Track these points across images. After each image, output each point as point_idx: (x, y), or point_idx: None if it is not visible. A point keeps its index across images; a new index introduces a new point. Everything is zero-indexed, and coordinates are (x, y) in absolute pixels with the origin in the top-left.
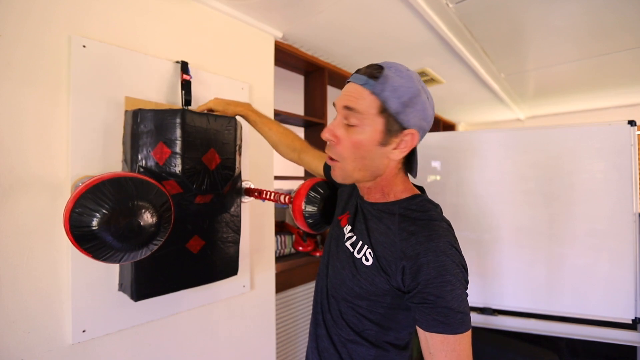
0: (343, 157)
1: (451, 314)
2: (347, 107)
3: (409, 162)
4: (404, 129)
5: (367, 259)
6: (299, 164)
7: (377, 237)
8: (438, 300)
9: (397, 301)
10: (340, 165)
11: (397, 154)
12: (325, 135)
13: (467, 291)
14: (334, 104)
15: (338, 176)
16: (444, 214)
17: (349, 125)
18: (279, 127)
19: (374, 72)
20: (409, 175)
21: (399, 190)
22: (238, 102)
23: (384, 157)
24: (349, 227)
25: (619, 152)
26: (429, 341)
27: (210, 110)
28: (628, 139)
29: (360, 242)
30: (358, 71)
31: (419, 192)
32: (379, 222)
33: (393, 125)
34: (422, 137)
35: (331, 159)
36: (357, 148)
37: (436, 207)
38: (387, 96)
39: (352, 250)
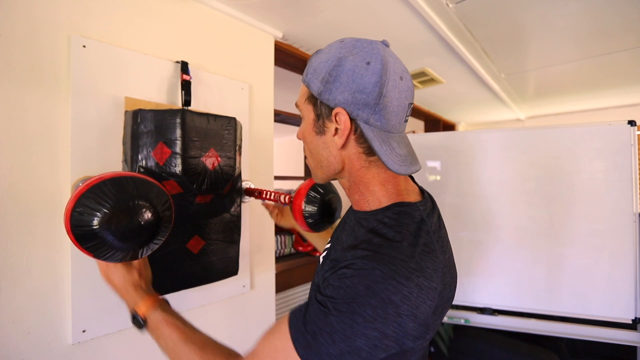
0: (305, 153)
1: (309, 314)
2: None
3: (374, 152)
4: (333, 109)
5: (321, 265)
6: None
7: (337, 249)
8: (322, 298)
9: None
10: (307, 161)
11: (337, 140)
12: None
13: (379, 346)
14: None
15: (313, 175)
16: (423, 231)
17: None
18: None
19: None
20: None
21: (379, 193)
22: None
23: (329, 147)
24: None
25: (619, 152)
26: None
27: None
28: (628, 139)
29: (325, 252)
30: None
31: (405, 200)
32: (350, 235)
33: (321, 108)
34: (369, 113)
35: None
36: (304, 142)
37: (418, 223)
38: (309, 79)
39: (320, 259)
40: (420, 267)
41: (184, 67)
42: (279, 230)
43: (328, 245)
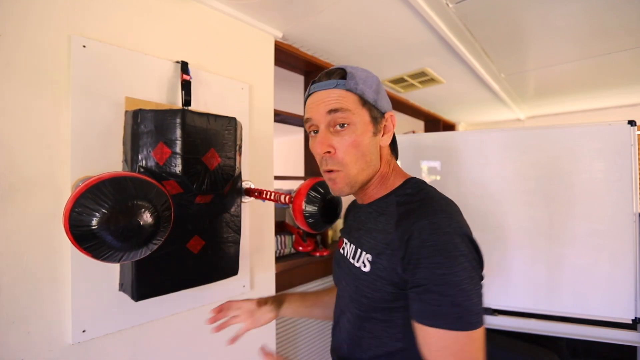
0: (344, 163)
1: (445, 303)
2: (333, 110)
3: (393, 146)
4: (384, 113)
5: (364, 265)
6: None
7: (376, 236)
8: (429, 284)
9: None
10: (343, 173)
11: (386, 139)
12: (322, 148)
13: (479, 283)
14: (307, 120)
15: (344, 186)
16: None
17: (340, 129)
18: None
19: (340, 73)
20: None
21: (393, 179)
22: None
23: (376, 147)
24: (345, 240)
25: (619, 152)
26: (425, 339)
27: None
28: (628, 139)
29: (359, 251)
30: (320, 80)
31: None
32: (378, 219)
33: (375, 113)
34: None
35: (329, 171)
36: (356, 147)
37: (432, 187)
38: (362, 88)
39: (352, 261)
40: (458, 210)
41: (184, 67)
42: (279, 230)
43: (349, 248)
